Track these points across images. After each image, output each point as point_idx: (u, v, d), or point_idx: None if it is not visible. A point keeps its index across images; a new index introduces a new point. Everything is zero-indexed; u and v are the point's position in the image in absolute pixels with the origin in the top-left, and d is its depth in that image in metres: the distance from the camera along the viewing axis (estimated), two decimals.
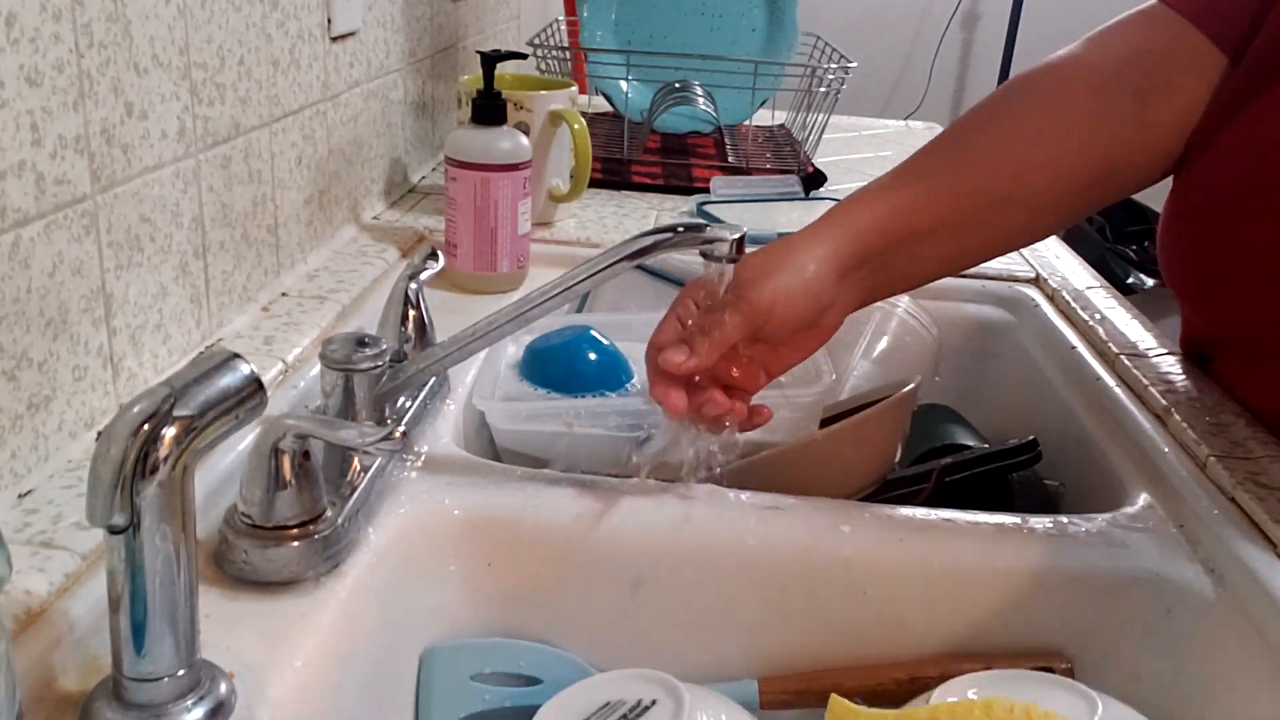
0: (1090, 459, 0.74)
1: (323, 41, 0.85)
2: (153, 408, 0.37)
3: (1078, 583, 0.58)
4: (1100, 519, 0.62)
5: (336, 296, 0.79)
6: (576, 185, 1.00)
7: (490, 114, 0.87)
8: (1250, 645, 0.54)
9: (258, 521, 0.50)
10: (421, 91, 1.12)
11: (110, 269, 0.58)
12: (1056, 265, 1.01)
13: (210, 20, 0.67)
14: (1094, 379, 0.79)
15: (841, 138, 1.51)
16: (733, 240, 0.59)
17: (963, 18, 3.27)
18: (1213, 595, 0.57)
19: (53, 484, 0.53)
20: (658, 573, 0.60)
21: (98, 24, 0.55)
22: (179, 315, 0.66)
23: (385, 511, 0.57)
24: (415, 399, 0.66)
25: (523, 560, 0.60)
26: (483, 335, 0.61)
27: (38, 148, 0.52)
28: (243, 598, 0.49)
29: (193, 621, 0.41)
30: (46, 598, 0.46)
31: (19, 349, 0.52)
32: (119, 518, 0.38)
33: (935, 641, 0.59)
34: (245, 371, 0.40)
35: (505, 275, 0.89)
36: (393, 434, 0.49)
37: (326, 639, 0.49)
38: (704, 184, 1.15)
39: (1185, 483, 0.64)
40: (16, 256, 0.51)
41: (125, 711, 0.41)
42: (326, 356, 0.59)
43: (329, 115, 0.87)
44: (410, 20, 1.07)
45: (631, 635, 0.61)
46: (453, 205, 0.87)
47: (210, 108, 0.68)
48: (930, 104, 3.25)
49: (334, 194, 0.90)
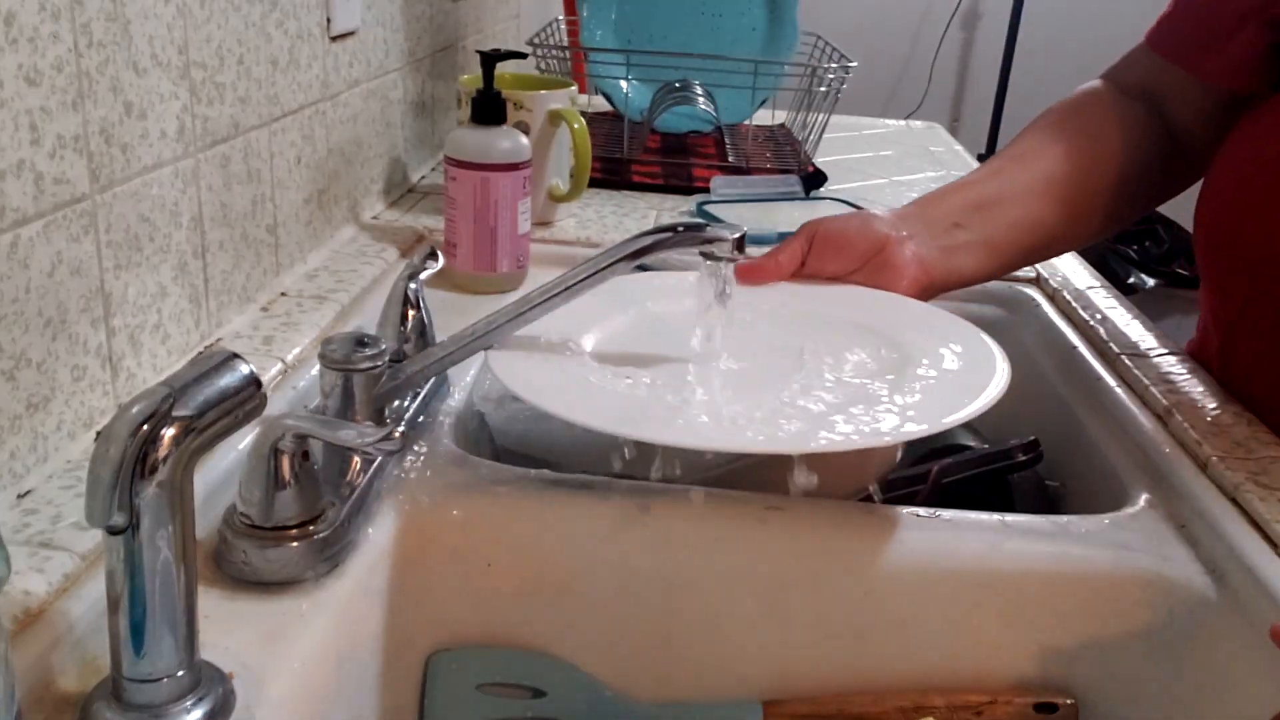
0: (1091, 459, 0.73)
1: (322, 41, 0.85)
2: (152, 408, 0.37)
3: (1078, 583, 0.58)
4: (1101, 519, 0.62)
5: (336, 296, 0.79)
6: (576, 185, 1.00)
7: (490, 113, 0.87)
8: (1251, 646, 0.54)
9: (257, 522, 0.50)
10: (421, 91, 1.12)
11: (109, 269, 0.58)
12: (1057, 265, 1.01)
13: (209, 20, 0.67)
14: (1095, 379, 0.79)
15: (842, 137, 1.51)
16: (733, 240, 0.59)
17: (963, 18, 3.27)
18: (1214, 596, 0.57)
19: (52, 484, 0.53)
20: (657, 573, 0.59)
21: (97, 23, 0.55)
22: (178, 315, 0.66)
23: (385, 512, 0.57)
24: (415, 399, 0.66)
25: (522, 561, 0.59)
26: (483, 335, 0.60)
27: (36, 147, 0.52)
28: (242, 598, 0.49)
29: (192, 622, 0.41)
30: (45, 598, 0.46)
31: (18, 349, 0.52)
32: (118, 518, 0.38)
33: (936, 643, 0.59)
34: (244, 371, 0.40)
35: (505, 275, 0.89)
36: (392, 434, 0.49)
37: (326, 640, 0.49)
38: (704, 184, 1.15)
39: (1186, 483, 0.64)
40: (15, 256, 0.51)
41: (124, 712, 0.40)
42: (326, 356, 0.59)
43: (328, 115, 0.87)
44: (410, 20, 1.07)
45: (631, 637, 0.61)
46: (452, 205, 0.87)
47: (209, 107, 0.68)
48: (930, 104, 3.25)
49: (333, 194, 0.90)
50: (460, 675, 0.58)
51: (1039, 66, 3.09)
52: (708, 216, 1.06)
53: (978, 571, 0.58)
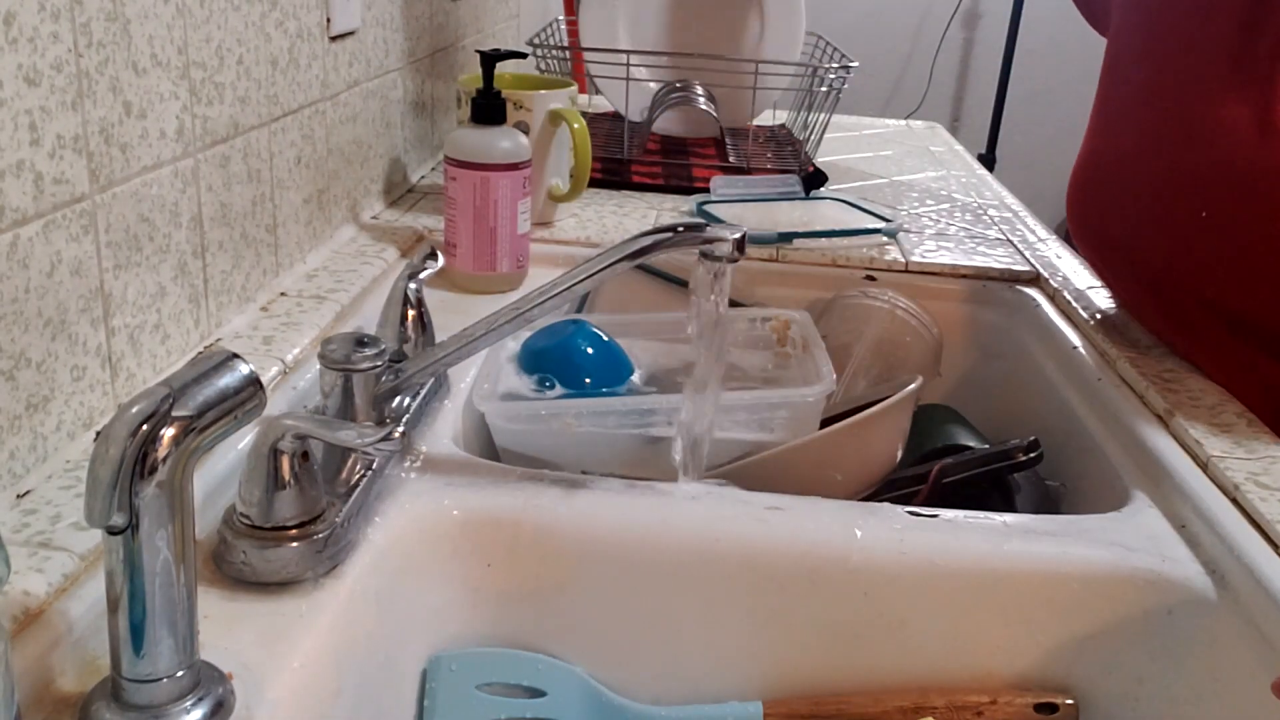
0: (1091, 459, 0.73)
1: (322, 41, 0.85)
2: (151, 408, 0.37)
3: (1078, 583, 0.58)
4: (1101, 519, 0.62)
5: (336, 296, 0.79)
6: (576, 185, 1.00)
7: (490, 113, 0.87)
8: (1251, 645, 0.54)
9: (257, 522, 0.50)
10: (421, 91, 1.12)
11: (109, 269, 0.58)
12: (1058, 265, 1.01)
13: (209, 20, 0.67)
14: (1095, 379, 0.79)
15: (842, 137, 1.51)
16: (733, 240, 0.59)
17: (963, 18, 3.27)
18: (1214, 596, 0.57)
19: (51, 484, 0.53)
20: (657, 573, 0.59)
21: (96, 23, 0.55)
22: (178, 315, 0.66)
23: (384, 512, 0.57)
24: (415, 399, 0.66)
25: (522, 561, 0.59)
26: (482, 335, 0.60)
27: (36, 147, 0.52)
28: (242, 598, 0.49)
29: (191, 622, 0.41)
30: (45, 598, 0.46)
31: (17, 349, 0.52)
32: (117, 518, 0.38)
33: (936, 643, 0.59)
34: (244, 371, 0.40)
35: (505, 275, 0.89)
36: (391, 434, 0.49)
37: (325, 640, 0.49)
38: (704, 184, 1.15)
39: (1186, 483, 0.64)
40: (15, 256, 0.51)
41: (124, 712, 0.40)
42: (325, 356, 0.59)
43: (328, 115, 0.87)
44: (409, 19, 1.07)
45: (631, 636, 0.61)
46: (452, 205, 0.87)
47: (209, 107, 0.68)
48: (930, 104, 3.25)
49: (333, 194, 0.90)
50: (460, 675, 0.58)
51: (1039, 66, 3.09)
52: (708, 216, 1.06)
53: (978, 571, 0.58)
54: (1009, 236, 1.09)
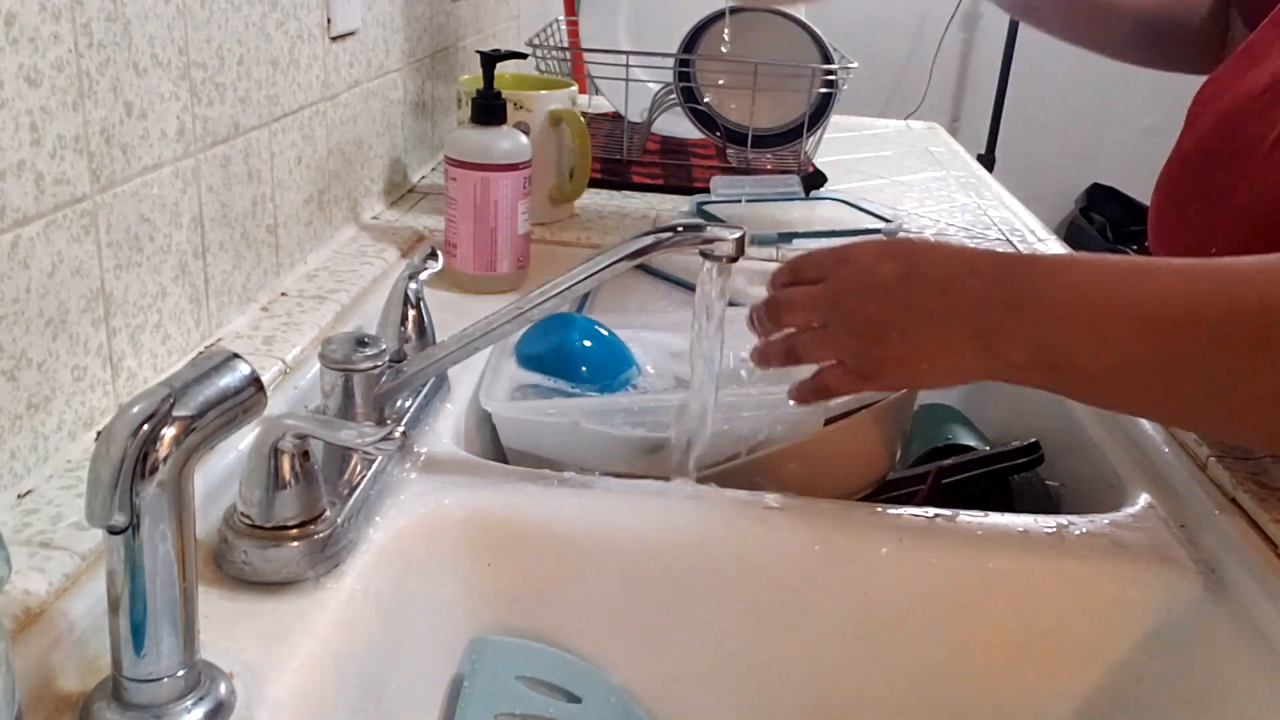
0: (1090, 459, 0.73)
1: (322, 41, 0.85)
2: (152, 408, 0.37)
3: (1079, 583, 0.58)
4: (1100, 519, 0.62)
5: (336, 296, 0.79)
6: (576, 185, 1.00)
7: (490, 114, 0.87)
8: (1250, 645, 0.54)
9: (257, 521, 0.50)
10: (421, 91, 1.12)
11: (110, 269, 0.58)
12: None
13: (210, 20, 0.67)
14: None
15: (842, 137, 1.51)
16: (733, 240, 0.59)
17: (963, 18, 3.27)
18: (1213, 596, 0.57)
19: (52, 484, 0.53)
20: (657, 573, 0.60)
21: (97, 23, 0.55)
22: (178, 315, 0.66)
23: (385, 512, 0.57)
24: (415, 399, 0.66)
25: (523, 561, 0.60)
26: (482, 335, 0.60)
27: (37, 147, 0.52)
28: (242, 598, 0.49)
29: (192, 622, 0.41)
30: (46, 598, 0.46)
31: (18, 349, 0.52)
32: (118, 518, 0.38)
33: (935, 645, 0.59)
34: (245, 371, 0.40)
35: (505, 275, 0.89)
36: (392, 434, 0.49)
37: (326, 639, 0.49)
38: (704, 184, 1.15)
39: (1186, 483, 0.64)
40: (16, 256, 0.51)
41: (125, 712, 0.40)
42: (326, 356, 0.59)
43: (328, 115, 0.87)
44: (410, 20, 1.07)
45: (631, 638, 0.61)
46: (452, 205, 0.87)
47: (210, 107, 0.68)
48: (930, 104, 3.25)
49: (333, 194, 0.90)
50: (504, 661, 0.58)
51: (1039, 66, 3.09)
52: (708, 216, 1.06)
53: (977, 572, 0.58)
54: (1009, 236, 1.09)
